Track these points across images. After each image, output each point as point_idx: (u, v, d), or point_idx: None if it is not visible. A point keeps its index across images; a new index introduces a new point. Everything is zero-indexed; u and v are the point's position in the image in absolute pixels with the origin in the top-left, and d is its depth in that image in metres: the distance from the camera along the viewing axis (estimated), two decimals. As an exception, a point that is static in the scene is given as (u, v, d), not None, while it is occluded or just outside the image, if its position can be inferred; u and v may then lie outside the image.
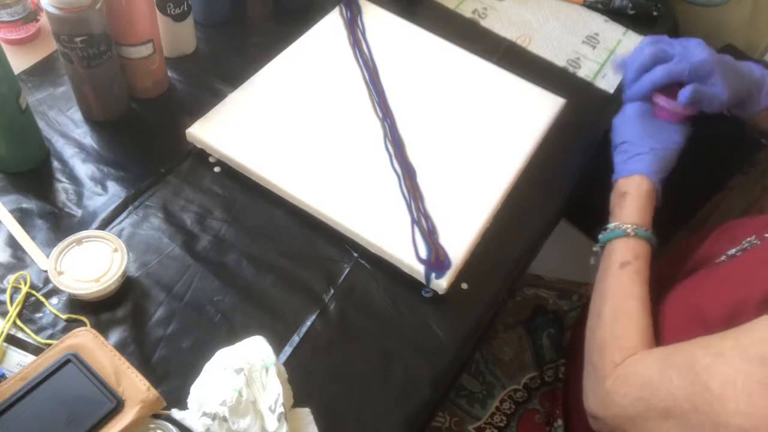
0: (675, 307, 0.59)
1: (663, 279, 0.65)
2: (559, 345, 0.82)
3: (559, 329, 0.84)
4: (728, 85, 0.64)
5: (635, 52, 0.69)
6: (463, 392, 0.78)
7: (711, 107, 0.64)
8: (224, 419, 0.52)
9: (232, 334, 0.62)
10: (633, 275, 0.59)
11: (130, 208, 0.69)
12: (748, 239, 0.60)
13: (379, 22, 0.90)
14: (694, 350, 0.48)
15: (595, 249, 0.65)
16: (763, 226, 0.61)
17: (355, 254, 0.69)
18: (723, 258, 0.61)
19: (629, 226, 0.62)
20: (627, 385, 0.52)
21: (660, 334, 0.58)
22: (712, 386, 0.45)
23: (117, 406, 0.53)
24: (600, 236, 0.64)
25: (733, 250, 0.60)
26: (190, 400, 0.55)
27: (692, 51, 0.65)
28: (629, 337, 0.55)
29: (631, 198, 0.64)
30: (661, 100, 0.67)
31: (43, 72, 0.80)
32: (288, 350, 0.62)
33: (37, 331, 0.59)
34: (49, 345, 0.57)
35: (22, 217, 0.67)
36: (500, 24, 0.97)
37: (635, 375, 0.52)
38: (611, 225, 0.63)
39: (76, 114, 0.76)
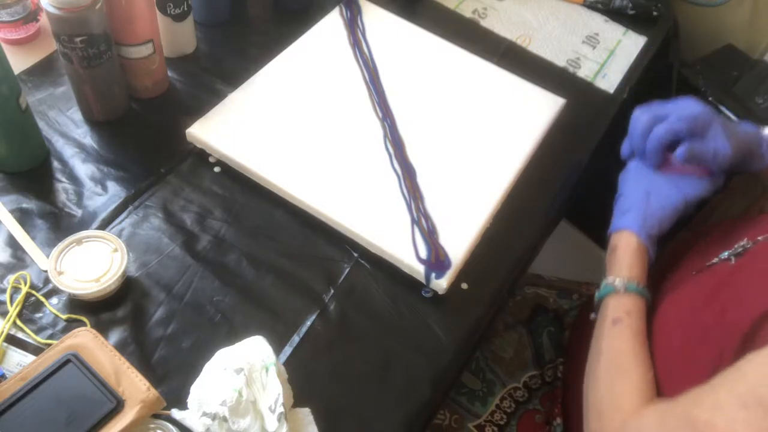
0: (670, 309, 0.59)
1: (660, 279, 0.65)
2: (559, 344, 0.82)
3: (560, 328, 0.84)
4: (729, 138, 0.62)
5: (632, 125, 0.67)
6: (464, 390, 0.78)
7: (717, 163, 0.62)
8: (224, 419, 0.52)
9: (232, 334, 0.62)
10: (625, 331, 0.58)
11: (130, 208, 0.69)
12: (741, 243, 0.59)
13: (379, 22, 0.90)
14: (691, 408, 0.47)
15: (592, 317, 0.64)
16: (756, 229, 0.60)
17: (355, 254, 0.69)
18: (715, 260, 0.60)
19: (620, 282, 0.61)
20: None
21: (654, 336, 0.58)
22: None
23: (117, 406, 0.53)
24: (596, 294, 0.64)
25: (726, 254, 0.60)
26: (190, 400, 0.55)
27: (686, 106, 0.63)
28: (627, 397, 0.54)
29: (621, 253, 0.63)
30: (672, 159, 0.65)
31: (43, 72, 0.80)
32: (288, 350, 0.62)
33: (37, 331, 0.59)
34: (49, 345, 0.57)
35: (22, 217, 0.67)
36: (500, 24, 0.97)
37: None
38: (603, 282, 0.63)
39: (76, 114, 0.76)
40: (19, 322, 0.59)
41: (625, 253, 0.63)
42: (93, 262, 0.61)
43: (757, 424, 0.43)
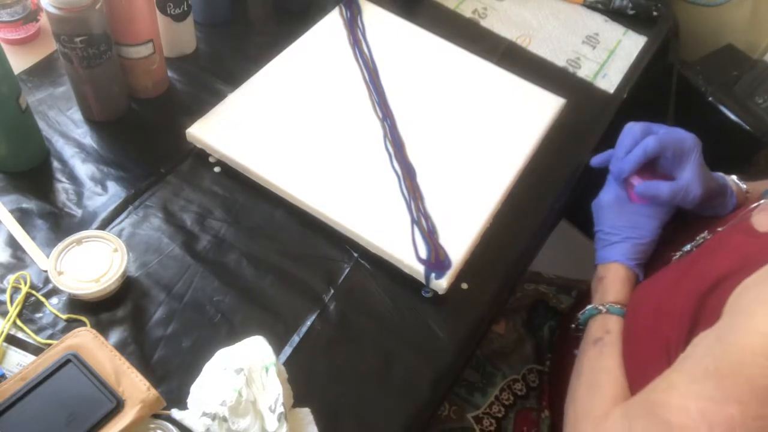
0: (640, 304, 0.61)
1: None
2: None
3: (559, 323, 0.84)
4: (702, 178, 0.64)
5: (625, 131, 0.69)
6: (463, 382, 0.78)
7: (684, 200, 0.65)
8: (224, 419, 0.52)
9: (232, 334, 0.62)
10: (604, 349, 0.60)
11: (130, 208, 0.69)
12: (702, 235, 0.62)
13: (379, 22, 0.90)
14: (648, 394, 0.50)
15: (580, 324, 0.67)
16: (717, 222, 0.63)
17: (355, 254, 0.69)
18: (679, 254, 0.63)
19: (603, 305, 0.64)
20: None
21: (629, 332, 0.60)
22: (672, 420, 0.46)
23: (117, 406, 0.53)
24: (579, 316, 0.66)
25: (689, 246, 0.63)
26: (190, 400, 0.55)
27: (676, 130, 0.66)
28: (600, 407, 0.56)
29: (608, 282, 0.66)
30: (636, 181, 0.68)
31: (43, 72, 0.80)
32: (288, 350, 0.62)
33: (37, 331, 0.59)
34: (49, 345, 0.57)
35: (22, 217, 0.67)
36: (500, 24, 0.97)
37: None
38: (588, 306, 0.66)
39: (76, 114, 0.76)
40: (19, 322, 0.59)
41: (613, 282, 0.66)
42: (93, 262, 0.61)
43: (706, 393, 0.45)
